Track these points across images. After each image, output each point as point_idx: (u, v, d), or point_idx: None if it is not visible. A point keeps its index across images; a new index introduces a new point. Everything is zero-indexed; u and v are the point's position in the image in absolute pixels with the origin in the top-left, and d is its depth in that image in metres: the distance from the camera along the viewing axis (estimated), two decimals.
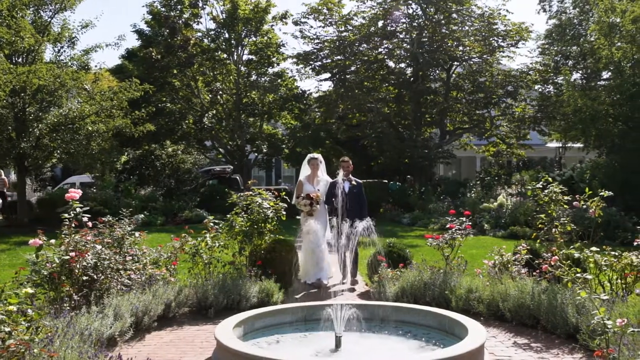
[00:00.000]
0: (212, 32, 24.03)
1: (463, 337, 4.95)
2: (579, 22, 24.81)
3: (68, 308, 5.25)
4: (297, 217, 8.76)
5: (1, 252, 11.95)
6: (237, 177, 24.35)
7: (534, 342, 5.83)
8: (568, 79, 20.23)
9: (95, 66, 17.77)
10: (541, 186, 7.29)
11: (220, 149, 25.82)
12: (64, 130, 15.38)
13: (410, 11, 25.32)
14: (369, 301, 7.02)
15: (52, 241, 5.92)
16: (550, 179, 7.56)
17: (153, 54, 21.94)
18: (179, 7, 23.43)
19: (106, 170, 20.37)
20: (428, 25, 24.55)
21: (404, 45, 25.22)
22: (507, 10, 24.47)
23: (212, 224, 7.79)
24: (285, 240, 8.17)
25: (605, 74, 19.27)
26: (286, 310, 6.10)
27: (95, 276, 5.84)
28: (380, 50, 25.26)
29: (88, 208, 6.47)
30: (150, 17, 23.47)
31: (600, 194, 6.78)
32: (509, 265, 7.21)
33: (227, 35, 23.67)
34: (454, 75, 25.81)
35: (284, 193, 8.25)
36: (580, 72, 25.68)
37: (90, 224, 6.45)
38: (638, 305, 5.18)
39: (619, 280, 6.26)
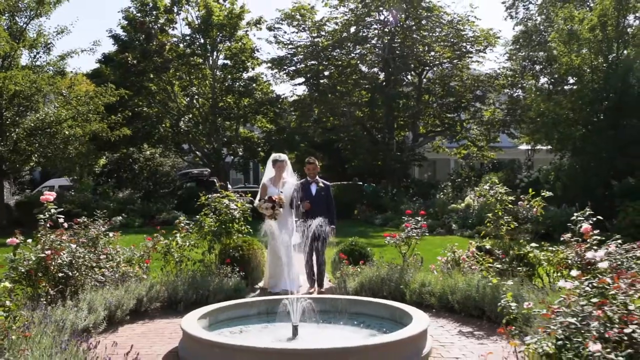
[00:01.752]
0: (188, 38, 24.40)
1: None
2: (544, 29, 25.63)
3: (45, 302, 5.65)
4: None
5: None
6: (215, 180, 24.67)
7: (478, 330, 6.36)
8: (531, 85, 20.96)
9: (71, 71, 18.03)
10: (488, 187, 7.85)
11: (197, 152, 26.17)
12: (41, 135, 15.67)
13: (382, 17, 25.99)
14: (326, 295, 7.51)
15: (29, 240, 6.32)
16: (496, 181, 8.13)
17: (129, 58, 22.25)
18: (154, 12, 23.76)
19: (84, 173, 20.58)
20: (399, 31, 25.20)
21: (376, 50, 25.84)
22: (475, 17, 25.24)
23: (182, 224, 8.23)
24: (252, 240, 8.63)
25: (572, 79, 20.05)
26: (249, 304, 6.57)
27: (70, 273, 6.24)
28: (352, 55, 25.87)
29: (66, 210, 6.87)
30: (126, 22, 23.75)
31: (542, 194, 7.36)
32: (460, 262, 7.77)
33: (202, 41, 24.05)
34: (425, 79, 26.51)
35: (249, 195, 8.70)
36: (548, 77, 26.53)
37: (65, 224, 6.86)
38: (564, 293, 5.74)
39: (556, 273, 6.85)
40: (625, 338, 3.04)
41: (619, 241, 5.97)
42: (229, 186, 22.39)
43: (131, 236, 13.77)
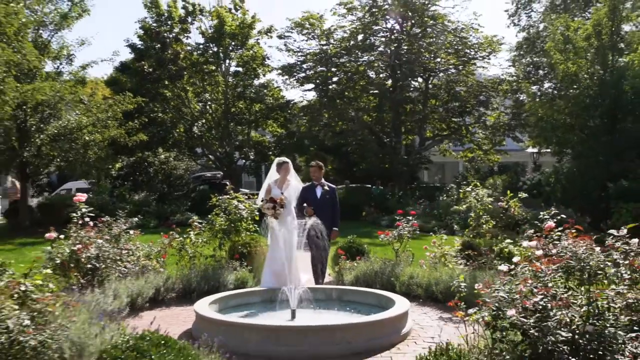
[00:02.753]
0: (201, 46, 25.35)
1: None
2: (546, 35, 26.27)
3: (76, 290, 6.54)
4: None
5: (8, 251, 13.20)
6: (227, 183, 25.64)
7: (456, 316, 7.15)
8: (529, 90, 21.65)
9: (92, 80, 19.02)
10: (471, 190, 8.64)
11: (210, 156, 27.11)
12: (62, 140, 16.66)
13: (389, 25, 26.79)
14: (321, 285, 8.35)
15: (62, 236, 7.22)
16: (477, 184, 8.91)
17: (145, 67, 23.26)
18: (169, 22, 24.75)
19: (102, 176, 21.55)
20: (405, 39, 25.98)
21: (383, 57, 26.64)
22: (478, 25, 25.95)
23: (196, 223, 9.12)
24: (259, 238, 9.49)
25: (568, 86, 20.69)
26: (254, 292, 7.43)
27: (97, 265, 7.14)
28: (360, 62, 26.69)
29: (86, 211, 7.75)
30: (143, 32, 24.77)
31: (519, 195, 8.15)
32: (446, 256, 8.57)
33: (215, 49, 25.00)
34: (431, 85, 27.26)
35: (255, 197, 9.55)
36: (553, 82, 27.15)
37: (91, 223, 7.76)
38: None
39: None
40: (539, 307, 3.86)
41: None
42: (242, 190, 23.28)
43: (147, 236, 14.66)
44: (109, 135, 17.55)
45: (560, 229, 7.00)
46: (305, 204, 8.70)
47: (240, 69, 25.93)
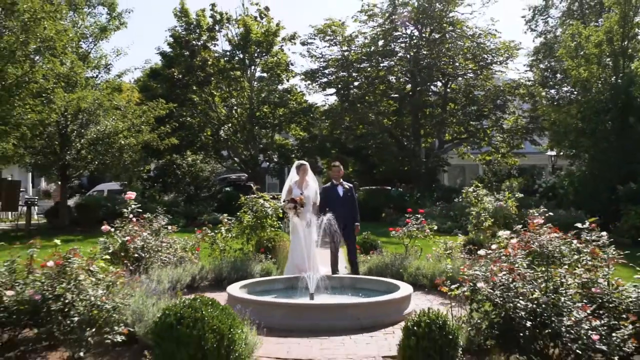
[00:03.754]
0: (228, 53, 26.54)
1: None
2: (562, 41, 26.90)
3: (127, 274, 7.63)
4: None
5: (52, 247, 14.42)
6: (251, 184, 26.75)
7: (457, 303, 8.09)
8: (541, 95, 22.33)
9: (128, 88, 20.24)
10: (472, 190, 9.56)
11: (235, 159, 28.27)
12: (100, 144, 17.93)
13: (409, 31, 27.67)
14: (336, 275, 9.35)
15: (113, 229, 8.34)
16: (479, 184, 9.82)
17: (175, 73, 24.53)
18: (197, 30, 25.99)
19: (134, 178, 22.82)
20: (424, 45, 26.84)
21: (403, 62, 27.52)
22: (495, 30, 26.66)
23: (226, 220, 10.19)
24: (282, 234, 10.52)
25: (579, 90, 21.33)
26: (278, 280, 8.46)
27: (142, 254, 8.24)
28: (380, 67, 27.60)
29: (119, 211, 8.84)
30: (172, 40, 26.06)
31: (516, 195, 9.04)
32: (451, 251, 9.49)
33: (241, 56, 26.17)
34: (449, 89, 28.06)
35: (279, 197, 10.58)
36: (568, 86, 27.75)
37: (134, 219, 8.86)
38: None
39: None
40: (503, 281, 4.82)
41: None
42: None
43: (177, 234, 15.86)
44: (142, 139, 18.75)
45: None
46: (327, 205, 9.27)
47: (265, 74, 27.07)
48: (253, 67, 26.95)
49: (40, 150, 17.51)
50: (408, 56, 27.23)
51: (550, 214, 7.45)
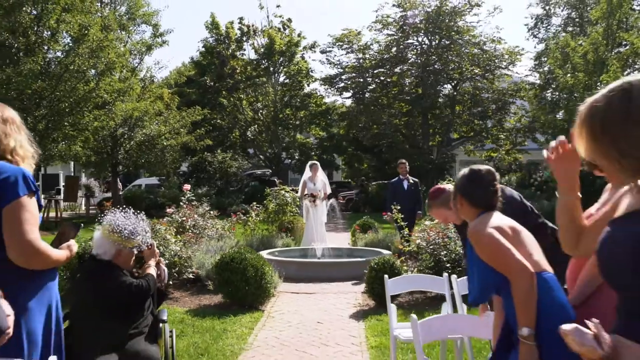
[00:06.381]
0: (254, 62, 29.47)
1: None
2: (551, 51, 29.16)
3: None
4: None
5: None
6: (275, 179, 29.66)
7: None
8: (532, 99, 24.72)
9: (169, 95, 23.36)
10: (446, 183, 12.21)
11: (260, 156, 31.25)
12: (146, 145, 20.99)
13: (420, 39, 30.22)
14: (339, 245, 12.15)
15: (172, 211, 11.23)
16: (450, 179, 12.47)
17: (207, 81, 27.56)
18: (226, 41, 28.97)
19: (171, 174, 25.90)
20: (433, 52, 29.38)
21: (414, 68, 30.09)
22: (500, 38, 29.05)
23: (255, 207, 13.05)
24: (299, 218, 13.34)
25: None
26: (294, 250, 11.29)
27: (194, 231, 11.11)
28: (394, 72, 30.22)
29: (160, 202, 11.65)
30: (204, 49, 29.09)
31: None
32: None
33: (265, 64, 29.08)
34: (455, 93, 30.57)
35: (296, 189, 13.38)
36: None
37: (185, 205, 11.74)
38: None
39: None
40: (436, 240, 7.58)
41: None
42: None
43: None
44: (181, 140, 21.75)
45: None
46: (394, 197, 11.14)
47: (287, 80, 29.96)
48: (277, 74, 29.83)
49: (96, 151, 20.64)
50: (419, 61, 29.77)
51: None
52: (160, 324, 3.53)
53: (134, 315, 3.34)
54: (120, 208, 3.67)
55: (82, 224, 3.30)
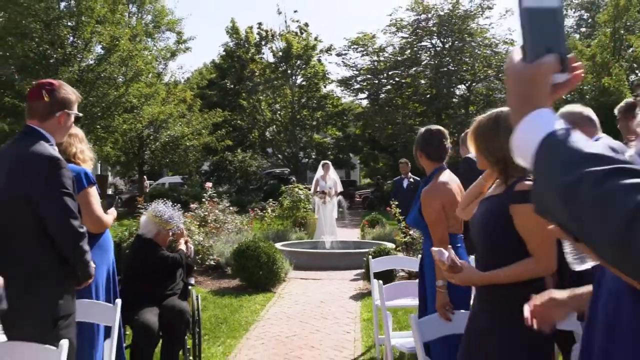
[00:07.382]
0: (272, 65, 30.61)
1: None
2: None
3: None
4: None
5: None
6: (293, 178, 30.77)
7: None
8: None
9: (191, 98, 24.67)
10: None
11: (279, 155, 32.38)
12: (171, 146, 22.26)
13: (433, 41, 31.06)
14: (344, 239, 13.20)
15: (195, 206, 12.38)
16: None
17: (227, 84, 28.77)
18: (246, 45, 30.15)
19: (193, 172, 27.17)
20: (446, 54, 30.21)
21: (427, 69, 30.94)
22: (513, 39, 29.76)
23: (271, 203, 14.16)
24: (312, 213, 14.40)
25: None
26: (306, 242, 12.37)
27: (216, 224, 12.24)
28: (408, 74, 31.10)
29: (183, 200, 12.77)
30: (225, 53, 30.31)
31: None
32: None
33: (284, 67, 30.20)
34: (468, 93, 31.36)
35: (310, 187, 14.44)
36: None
37: (207, 202, 12.88)
38: None
39: None
40: None
41: None
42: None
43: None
44: (203, 141, 22.98)
45: None
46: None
47: (304, 82, 31.05)
48: (294, 77, 30.94)
49: (124, 151, 21.98)
50: (433, 63, 30.61)
51: None
52: (189, 287, 4.64)
53: (170, 280, 4.44)
54: (163, 200, 4.75)
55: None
